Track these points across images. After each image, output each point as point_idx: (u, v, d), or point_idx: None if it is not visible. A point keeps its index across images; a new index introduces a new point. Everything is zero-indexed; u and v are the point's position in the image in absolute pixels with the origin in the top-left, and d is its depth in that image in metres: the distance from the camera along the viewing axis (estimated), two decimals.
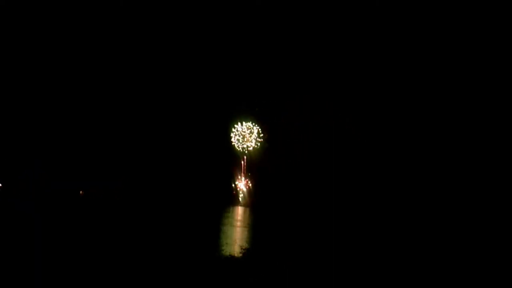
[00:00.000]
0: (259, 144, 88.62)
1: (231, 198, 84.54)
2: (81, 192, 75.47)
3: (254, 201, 79.80)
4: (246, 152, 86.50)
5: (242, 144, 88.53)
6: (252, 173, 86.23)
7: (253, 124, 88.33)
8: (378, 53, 65.58)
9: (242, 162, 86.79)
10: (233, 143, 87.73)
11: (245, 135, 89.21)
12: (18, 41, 65.08)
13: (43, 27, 64.94)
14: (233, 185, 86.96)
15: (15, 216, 36.87)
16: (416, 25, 60.88)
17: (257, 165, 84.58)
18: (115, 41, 70.25)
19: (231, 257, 18.18)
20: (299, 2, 63.94)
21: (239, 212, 63.94)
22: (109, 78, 72.87)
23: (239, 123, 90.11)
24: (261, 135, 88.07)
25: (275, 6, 65.16)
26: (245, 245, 22.51)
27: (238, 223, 40.60)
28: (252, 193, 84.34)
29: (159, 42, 71.16)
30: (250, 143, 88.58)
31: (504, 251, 23.39)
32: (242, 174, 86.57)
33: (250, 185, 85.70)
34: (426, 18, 60.08)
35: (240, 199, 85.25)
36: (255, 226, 38.74)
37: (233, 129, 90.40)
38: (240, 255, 18.94)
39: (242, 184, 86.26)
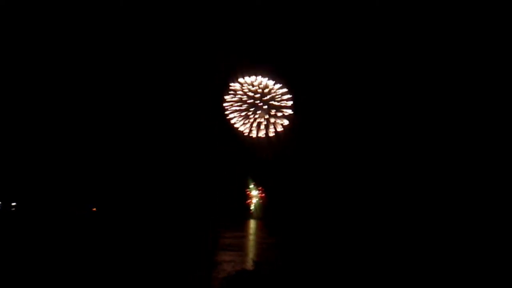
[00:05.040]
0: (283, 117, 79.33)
1: (244, 211, 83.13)
2: (93, 209, 74.87)
3: (268, 214, 78.19)
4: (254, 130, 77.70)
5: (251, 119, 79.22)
6: (266, 184, 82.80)
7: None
8: (379, 52, 65.61)
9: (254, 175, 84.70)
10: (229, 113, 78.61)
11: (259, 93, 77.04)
12: (12, 45, 66.04)
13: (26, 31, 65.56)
14: (246, 199, 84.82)
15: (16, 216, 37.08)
16: (417, 22, 60.72)
17: (272, 174, 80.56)
18: (114, 43, 70.90)
19: (242, 271, 17.25)
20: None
21: (251, 225, 62.78)
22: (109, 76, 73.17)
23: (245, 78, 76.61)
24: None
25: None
26: (256, 258, 21.57)
27: (250, 237, 39.67)
28: (265, 205, 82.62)
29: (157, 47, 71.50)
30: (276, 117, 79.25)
31: (503, 251, 22.57)
32: (255, 186, 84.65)
33: (263, 196, 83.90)
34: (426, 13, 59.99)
35: (252, 212, 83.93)
36: (265, 239, 37.65)
37: (233, 84, 78.09)
38: (252, 268, 18.01)
39: (254, 197, 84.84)
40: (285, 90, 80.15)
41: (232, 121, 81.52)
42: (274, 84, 79.73)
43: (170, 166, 77.02)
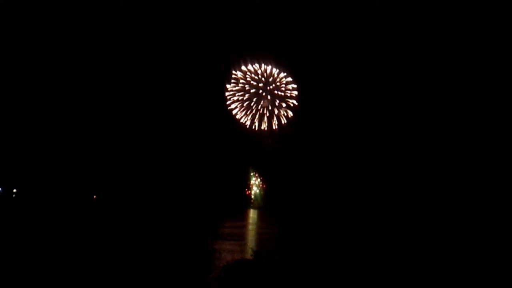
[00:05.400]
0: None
1: (245, 201, 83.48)
2: (94, 196, 74.96)
3: (268, 204, 78.36)
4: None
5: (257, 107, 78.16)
6: (266, 173, 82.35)
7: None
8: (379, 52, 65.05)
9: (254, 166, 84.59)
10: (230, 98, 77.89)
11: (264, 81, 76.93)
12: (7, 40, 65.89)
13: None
14: (246, 189, 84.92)
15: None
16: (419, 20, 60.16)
17: (274, 164, 79.84)
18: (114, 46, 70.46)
19: (242, 260, 17.35)
20: None
21: (251, 215, 63.12)
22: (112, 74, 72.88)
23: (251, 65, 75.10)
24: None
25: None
26: (256, 247, 21.69)
27: (250, 226, 39.93)
28: (265, 195, 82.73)
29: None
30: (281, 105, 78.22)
31: (503, 251, 22.59)
32: (256, 176, 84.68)
33: (264, 186, 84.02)
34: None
35: (252, 202, 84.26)
36: (265, 229, 37.87)
37: (236, 73, 78.12)
38: (251, 257, 18.12)
39: (255, 187, 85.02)
40: (290, 79, 78.71)
41: (234, 112, 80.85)
42: (278, 73, 78.25)
43: (170, 157, 77.03)
